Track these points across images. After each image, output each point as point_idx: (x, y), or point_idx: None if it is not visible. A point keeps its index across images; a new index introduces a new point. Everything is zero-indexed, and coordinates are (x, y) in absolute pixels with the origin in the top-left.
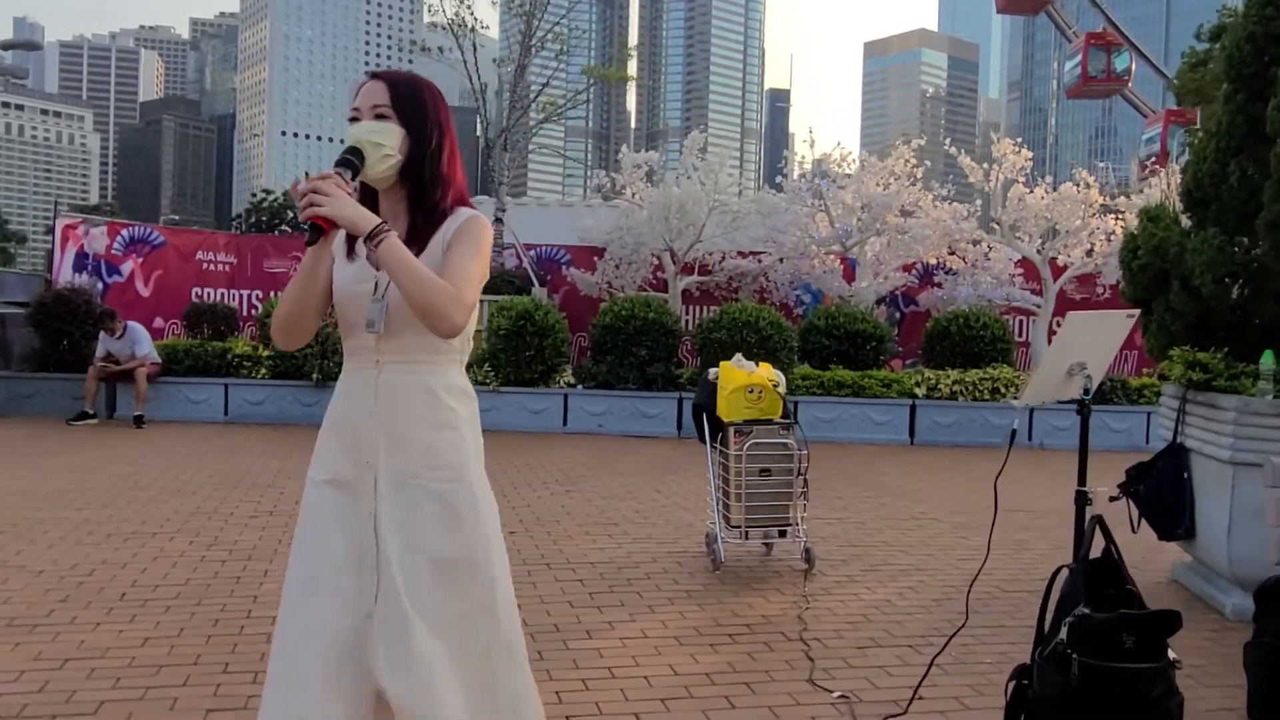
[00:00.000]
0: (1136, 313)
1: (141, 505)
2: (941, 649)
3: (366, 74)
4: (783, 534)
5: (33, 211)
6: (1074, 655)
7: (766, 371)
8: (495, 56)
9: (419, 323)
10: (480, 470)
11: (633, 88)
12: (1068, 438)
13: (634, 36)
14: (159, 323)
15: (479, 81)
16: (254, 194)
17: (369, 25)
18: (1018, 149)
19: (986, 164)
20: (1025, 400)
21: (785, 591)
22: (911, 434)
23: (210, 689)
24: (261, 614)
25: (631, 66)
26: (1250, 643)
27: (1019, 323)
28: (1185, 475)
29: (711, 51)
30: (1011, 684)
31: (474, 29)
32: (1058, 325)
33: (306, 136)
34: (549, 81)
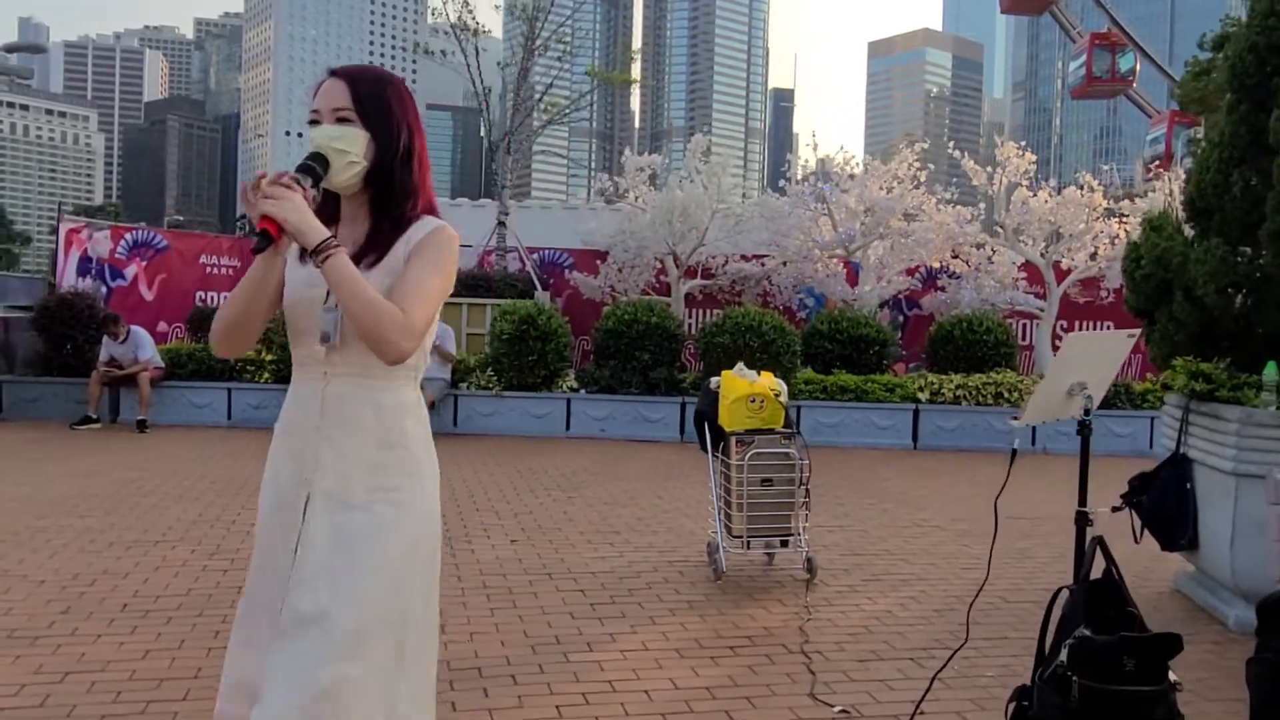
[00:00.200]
0: (1137, 331)
1: (144, 512)
2: (943, 666)
3: (327, 71)
4: (784, 543)
5: (37, 212)
6: (1074, 678)
7: (768, 381)
8: (499, 59)
9: None
10: (430, 494)
11: (636, 88)
12: (1070, 443)
13: (638, 36)
14: (162, 326)
15: (482, 84)
16: None
17: (373, 25)
18: (1021, 152)
19: (990, 167)
20: (1025, 420)
21: (787, 602)
22: (915, 439)
23: (210, 703)
24: None
25: (635, 69)
26: (1253, 658)
27: (1022, 327)
28: (1188, 486)
29: (715, 51)
30: (1012, 705)
31: (476, 32)
32: (1061, 329)
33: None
34: (552, 84)
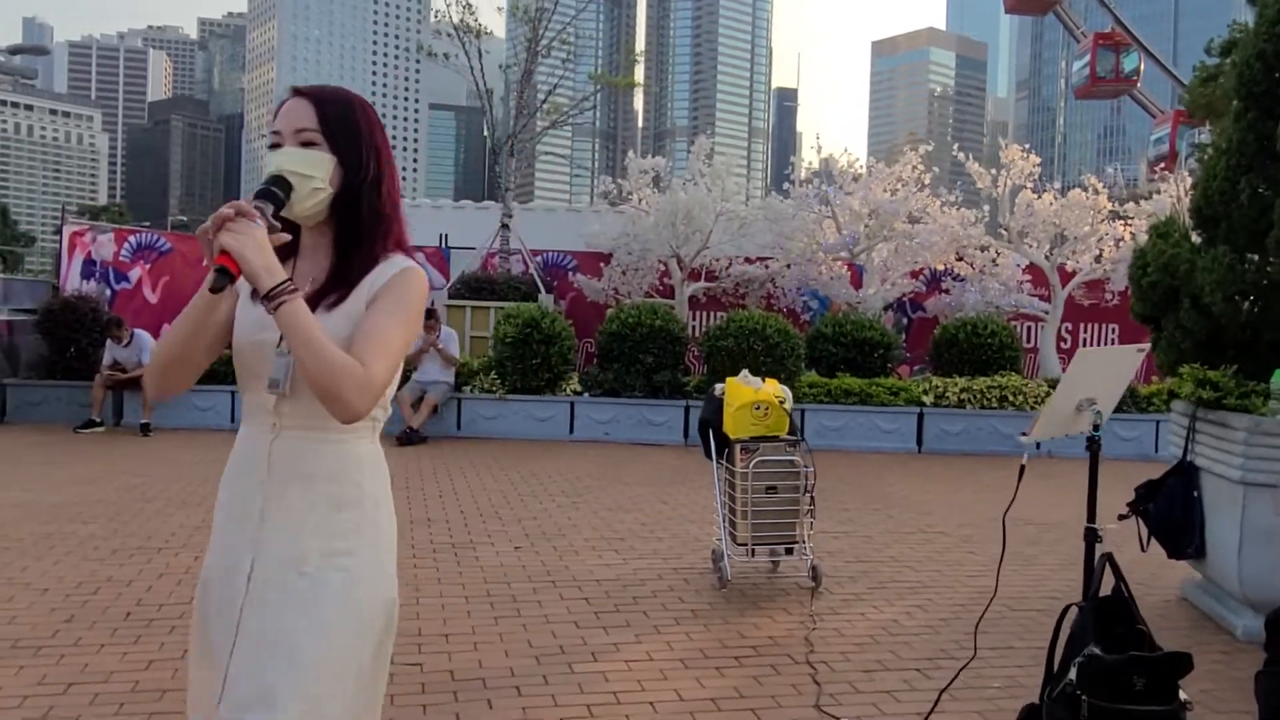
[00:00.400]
0: (1146, 346)
1: (147, 519)
2: (950, 681)
3: (290, 90)
4: (789, 551)
5: (41, 212)
6: (1084, 697)
7: (773, 388)
8: (501, 62)
9: None
10: (385, 559)
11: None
12: (1077, 446)
13: (641, 36)
14: (166, 330)
15: (485, 87)
16: None
17: (376, 25)
18: (1025, 154)
19: (994, 169)
20: (1035, 436)
21: (792, 611)
22: (919, 442)
23: None
24: None
25: (638, 72)
26: (1261, 671)
27: (1027, 329)
28: (1195, 494)
29: (719, 51)
30: None
31: (479, 34)
32: (1066, 331)
33: None
34: (555, 87)
